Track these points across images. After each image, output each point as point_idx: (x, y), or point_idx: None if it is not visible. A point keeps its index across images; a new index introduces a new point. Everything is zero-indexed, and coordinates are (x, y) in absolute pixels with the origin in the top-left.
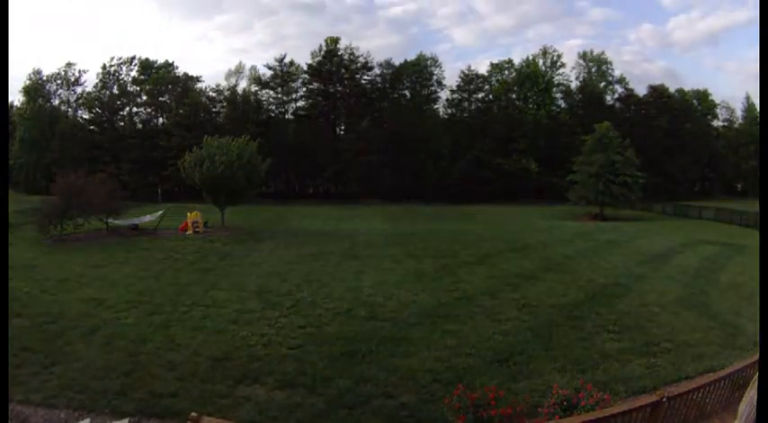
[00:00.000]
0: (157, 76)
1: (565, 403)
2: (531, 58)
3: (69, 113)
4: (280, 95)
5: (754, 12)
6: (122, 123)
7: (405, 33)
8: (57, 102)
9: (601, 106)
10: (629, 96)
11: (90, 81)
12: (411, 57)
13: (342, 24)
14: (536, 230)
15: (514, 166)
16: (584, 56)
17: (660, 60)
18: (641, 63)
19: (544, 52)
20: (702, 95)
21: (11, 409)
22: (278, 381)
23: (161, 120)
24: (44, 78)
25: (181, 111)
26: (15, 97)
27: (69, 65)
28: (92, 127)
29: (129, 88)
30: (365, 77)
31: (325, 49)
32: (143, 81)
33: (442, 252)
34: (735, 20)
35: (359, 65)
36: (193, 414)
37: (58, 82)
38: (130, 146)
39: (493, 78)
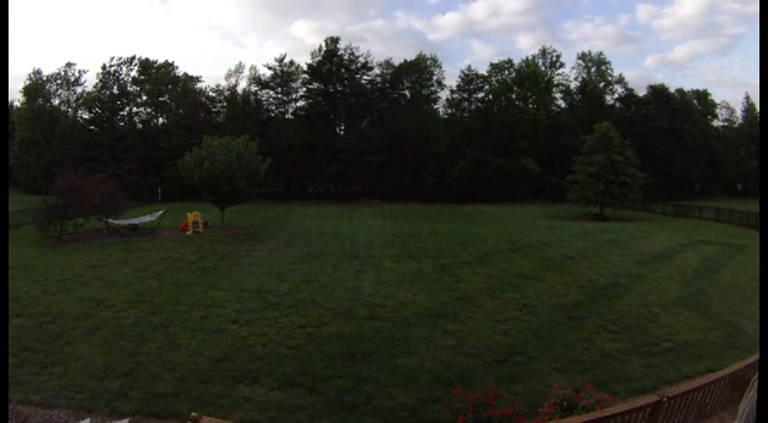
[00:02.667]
0: (157, 76)
1: (565, 403)
2: (531, 58)
3: (69, 113)
4: (280, 95)
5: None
6: (122, 123)
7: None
8: (57, 102)
9: (601, 106)
10: (630, 96)
11: (90, 81)
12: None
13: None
14: (536, 230)
15: (514, 166)
16: (583, 56)
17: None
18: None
19: (544, 52)
20: (702, 95)
21: (11, 409)
22: (278, 381)
23: (161, 120)
24: (44, 78)
25: (181, 111)
26: (15, 97)
27: (69, 65)
28: (92, 127)
29: (129, 88)
30: (365, 77)
31: (325, 48)
32: (143, 81)
33: (442, 252)
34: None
35: (359, 65)
36: (193, 414)
37: (58, 82)
38: (130, 146)
39: (493, 78)
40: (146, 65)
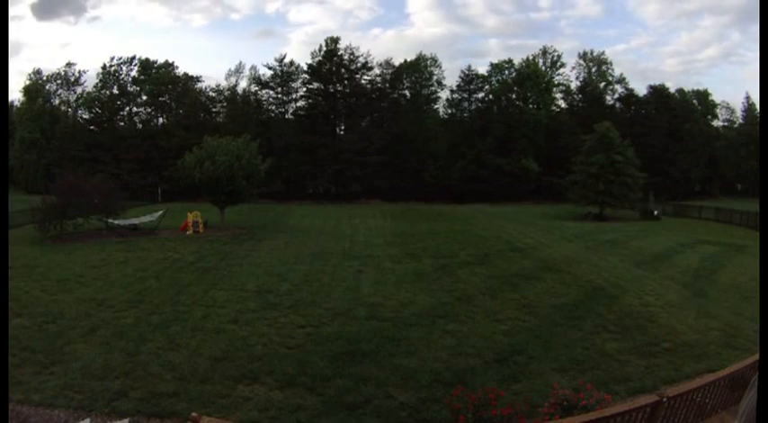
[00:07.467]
0: (157, 76)
1: (565, 403)
2: (531, 58)
3: (69, 113)
4: (280, 95)
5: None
6: (122, 123)
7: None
8: (57, 102)
9: (601, 106)
10: (630, 96)
11: (90, 81)
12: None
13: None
14: (536, 230)
15: (514, 166)
16: (584, 56)
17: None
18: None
19: (544, 52)
20: (703, 95)
21: (11, 409)
22: (278, 381)
23: (161, 120)
24: (44, 78)
25: (181, 111)
26: (15, 97)
27: (69, 65)
28: (92, 127)
29: (129, 88)
30: (365, 77)
31: (325, 48)
32: (143, 81)
33: (442, 252)
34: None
35: (359, 65)
36: (193, 414)
37: (58, 82)
38: (130, 146)
39: (493, 78)
40: (146, 65)
